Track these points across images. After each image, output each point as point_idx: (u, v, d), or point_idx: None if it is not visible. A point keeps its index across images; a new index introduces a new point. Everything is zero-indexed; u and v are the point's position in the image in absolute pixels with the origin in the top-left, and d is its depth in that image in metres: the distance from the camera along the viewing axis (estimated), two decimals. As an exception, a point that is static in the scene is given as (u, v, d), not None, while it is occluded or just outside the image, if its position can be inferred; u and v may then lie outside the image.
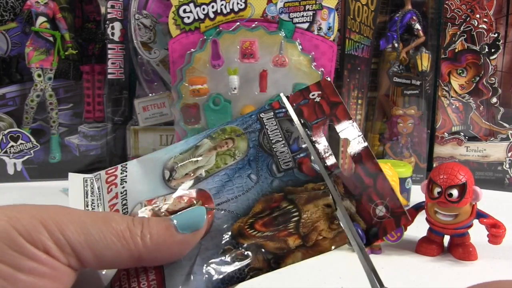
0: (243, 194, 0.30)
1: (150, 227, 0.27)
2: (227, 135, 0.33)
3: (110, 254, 0.26)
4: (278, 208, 0.29)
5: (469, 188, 0.50)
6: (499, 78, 0.83)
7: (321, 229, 0.28)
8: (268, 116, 0.33)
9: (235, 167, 0.31)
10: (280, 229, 0.28)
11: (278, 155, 0.31)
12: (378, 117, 0.87)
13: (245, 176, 0.31)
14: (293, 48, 0.71)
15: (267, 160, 0.31)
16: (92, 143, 0.85)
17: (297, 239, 0.28)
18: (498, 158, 0.83)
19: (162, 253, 0.27)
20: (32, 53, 0.79)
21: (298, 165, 0.31)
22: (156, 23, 0.81)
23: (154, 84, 0.84)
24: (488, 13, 0.81)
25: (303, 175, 0.30)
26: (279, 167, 0.31)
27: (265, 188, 0.30)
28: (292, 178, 0.30)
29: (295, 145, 0.31)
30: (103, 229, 0.26)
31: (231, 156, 0.32)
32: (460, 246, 0.52)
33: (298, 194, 0.29)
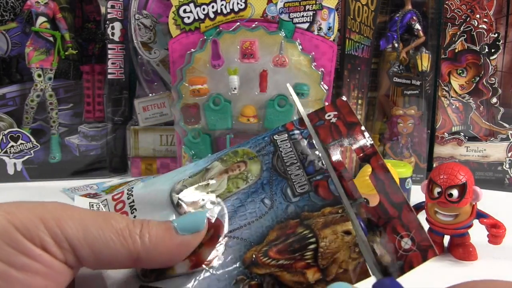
0: (257, 220, 0.28)
1: (150, 227, 0.27)
2: (239, 158, 0.31)
3: (108, 252, 0.26)
4: (294, 234, 0.27)
5: (469, 188, 0.50)
6: (499, 78, 0.83)
7: (341, 261, 0.26)
8: (282, 138, 0.32)
9: (247, 191, 0.30)
10: (297, 257, 0.27)
11: (293, 178, 0.29)
12: (378, 117, 0.87)
13: (258, 201, 0.29)
14: (293, 48, 0.71)
15: (282, 183, 0.29)
16: (92, 143, 0.85)
17: (316, 272, 0.26)
18: (498, 158, 0.83)
19: (160, 254, 0.27)
20: (32, 53, 0.79)
21: (315, 188, 0.29)
22: (156, 23, 0.81)
23: (154, 84, 0.84)
24: (488, 13, 0.81)
25: (320, 198, 0.29)
26: (294, 191, 0.29)
27: (279, 214, 0.28)
28: (308, 203, 0.28)
29: (311, 167, 0.30)
30: (102, 227, 0.26)
31: (244, 180, 0.30)
32: (460, 246, 0.52)
33: (315, 219, 0.27)
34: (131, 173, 0.84)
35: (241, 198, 0.29)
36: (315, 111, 0.32)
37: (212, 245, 0.28)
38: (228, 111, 0.70)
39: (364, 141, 0.30)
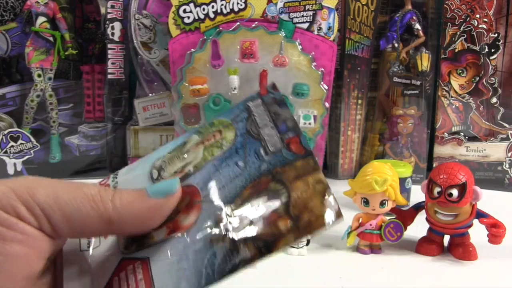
0: (231, 182, 0.29)
1: (122, 193, 0.27)
2: (215, 128, 0.32)
3: (80, 217, 0.26)
4: (266, 189, 0.28)
5: (469, 188, 0.50)
6: (499, 78, 0.83)
7: (312, 207, 0.26)
8: (256, 104, 0.32)
9: (222, 157, 0.30)
10: (269, 212, 0.27)
11: (266, 139, 0.30)
12: (378, 117, 0.87)
13: (232, 164, 0.29)
14: (293, 48, 0.71)
15: (255, 145, 0.30)
16: (92, 143, 0.85)
17: (288, 222, 0.26)
18: (498, 158, 0.83)
19: (132, 217, 0.27)
20: (32, 53, 0.79)
21: (287, 145, 0.29)
22: (156, 23, 0.81)
23: (154, 84, 0.84)
24: (488, 13, 0.81)
25: (292, 154, 0.29)
26: (267, 150, 0.29)
27: (253, 173, 0.28)
28: (280, 159, 0.29)
29: (283, 125, 0.30)
30: (73, 193, 0.26)
31: (218, 147, 0.31)
32: (460, 246, 0.52)
33: (287, 173, 0.28)
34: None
35: (216, 164, 0.30)
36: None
37: (188, 211, 0.28)
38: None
39: None
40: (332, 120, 0.84)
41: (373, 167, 0.53)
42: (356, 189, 0.54)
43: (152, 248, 0.28)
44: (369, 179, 0.52)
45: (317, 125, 0.73)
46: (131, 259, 0.28)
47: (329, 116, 0.79)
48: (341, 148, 0.85)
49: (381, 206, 0.53)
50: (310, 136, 0.74)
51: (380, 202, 0.52)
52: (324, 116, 0.74)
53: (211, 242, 0.27)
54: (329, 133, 0.85)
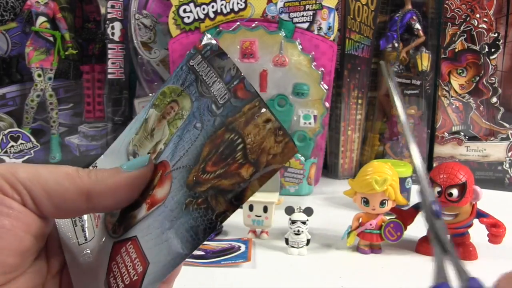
0: (192, 145, 0.30)
1: (98, 170, 0.29)
2: (169, 98, 0.32)
3: (60, 191, 0.27)
4: (222, 141, 0.28)
5: (469, 188, 0.50)
6: (499, 78, 0.83)
7: (268, 148, 0.27)
8: (197, 61, 0.32)
9: (183, 126, 0.31)
10: (229, 162, 0.27)
11: (216, 94, 0.30)
12: (378, 117, 0.87)
13: (191, 128, 0.30)
14: (293, 48, 0.71)
15: (207, 103, 0.30)
16: (92, 143, 0.85)
17: (249, 168, 0.27)
18: (498, 158, 0.83)
19: (111, 190, 0.29)
20: (32, 53, 0.79)
21: (234, 94, 0.29)
22: (156, 23, 0.81)
23: (154, 84, 0.84)
24: (488, 13, 0.81)
25: (239, 100, 0.29)
26: (218, 104, 0.30)
27: (209, 130, 0.29)
28: (230, 109, 0.29)
29: (228, 76, 0.30)
30: (52, 171, 0.28)
31: (180, 119, 0.31)
32: (460, 246, 0.52)
33: (238, 120, 0.28)
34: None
35: (179, 134, 0.31)
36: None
37: (162, 184, 0.29)
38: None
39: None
40: (332, 120, 0.84)
41: (373, 167, 0.53)
42: (356, 188, 0.54)
43: (137, 227, 0.29)
44: (369, 179, 0.52)
45: (317, 125, 0.73)
46: (122, 241, 0.29)
47: (329, 116, 0.79)
48: (341, 148, 0.85)
49: (381, 205, 0.53)
50: (310, 135, 0.74)
51: (380, 201, 0.52)
52: (324, 116, 0.74)
53: (186, 206, 0.28)
54: (329, 133, 0.85)
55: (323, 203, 0.72)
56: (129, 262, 0.28)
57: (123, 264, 0.28)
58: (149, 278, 0.27)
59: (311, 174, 0.75)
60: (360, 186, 0.53)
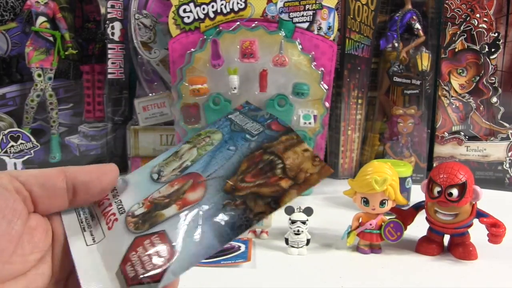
0: (227, 161, 0.33)
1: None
2: (203, 136, 0.36)
3: (46, 177, 0.30)
4: (261, 161, 0.32)
5: (469, 188, 0.50)
6: (499, 77, 0.83)
7: (306, 169, 0.31)
8: (235, 115, 0.37)
9: (214, 149, 0.35)
10: (269, 176, 0.31)
11: (249, 128, 0.35)
12: (378, 117, 0.87)
13: (224, 150, 0.34)
14: (293, 48, 0.71)
15: (241, 134, 0.35)
16: (92, 143, 0.85)
17: (288, 181, 0.30)
18: (498, 157, 0.83)
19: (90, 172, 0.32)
20: (32, 53, 0.79)
21: (268, 126, 0.35)
22: (156, 23, 0.81)
23: (154, 84, 0.84)
24: (488, 12, 0.81)
25: (274, 131, 0.34)
26: (252, 134, 0.34)
27: (244, 151, 0.33)
28: (265, 137, 0.34)
29: (262, 118, 0.36)
30: (41, 170, 0.31)
31: (210, 145, 0.35)
32: (460, 246, 0.52)
33: (276, 146, 0.33)
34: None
35: (210, 154, 0.34)
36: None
37: (194, 189, 0.32)
38: (228, 111, 0.70)
39: None
40: (332, 119, 0.84)
41: (373, 167, 0.53)
42: (356, 188, 0.54)
43: (165, 223, 0.31)
44: (369, 179, 0.52)
45: (317, 124, 0.73)
46: (146, 235, 0.30)
47: (329, 116, 0.79)
48: (341, 148, 0.85)
49: (381, 205, 0.53)
50: (310, 135, 0.74)
51: (380, 201, 0.52)
52: (324, 115, 0.74)
53: (223, 206, 0.30)
54: (329, 132, 0.85)
55: (323, 203, 0.72)
56: (153, 252, 0.29)
57: (145, 253, 0.29)
58: (176, 266, 0.28)
59: (311, 174, 0.75)
60: (360, 186, 0.53)
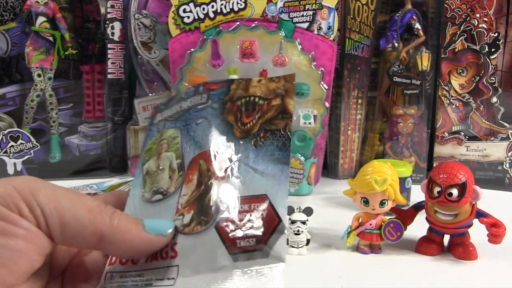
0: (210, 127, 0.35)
1: (120, 215, 0.28)
2: (154, 146, 0.37)
3: (75, 225, 0.27)
4: (239, 107, 0.35)
5: (469, 188, 0.50)
6: (499, 77, 0.83)
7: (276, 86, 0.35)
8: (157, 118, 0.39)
9: (184, 135, 0.36)
10: (259, 109, 0.34)
11: (191, 106, 0.38)
12: (378, 117, 0.87)
13: (194, 128, 0.36)
14: (293, 48, 0.71)
15: (190, 114, 0.37)
16: (92, 143, 0.85)
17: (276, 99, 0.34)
18: (498, 157, 0.83)
19: (124, 242, 0.28)
20: (32, 53, 0.79)
21: (207, 89, 0.37)
22: (156, 23, 0.81)
23: (154, 84, 0.84)
24: (488, 12, 0.81)
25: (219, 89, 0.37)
26: (201, 103, 0.37)
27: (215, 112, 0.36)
28: (218, 95, 0.36)
29: (189, 92, 0.38)
30: (73, 201, 0.27)
31: (174, 138, 0.36)
32: (460, 246, 0.52)
33: (236, 93, 0.36)
34: (131, 173, 0.84)
35: (186, 140, 0.35)
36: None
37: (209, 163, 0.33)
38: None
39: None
40: (332, 119, 0.84)
41: (373, 167, 0.53)
42: (356, 188, 0.54)
43: (225, 196, 0.31)
44: (369, 179, 0.52)
45: (317, 124, 0.73)
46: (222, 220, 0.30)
47: (329, 116, 0.79)
48: (341, 148, 0.85)
49: (381, 205, 0.52)
50: (310, 135, 0.74)
51: (380, 201, 0.52)
52: (324, 115, 0.74)
53: (254, 145, 0.33)
54: (329, 132, 0.85)
55: (323, 203, 0.72)
56: (245, 213, 0.30)
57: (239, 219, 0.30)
58: (275, 201, 0.30)
59: (311, 174, 0.75)
60: (360, 186, 0.53)
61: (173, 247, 0.30)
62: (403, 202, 0.54)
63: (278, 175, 0.31)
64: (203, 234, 0.30)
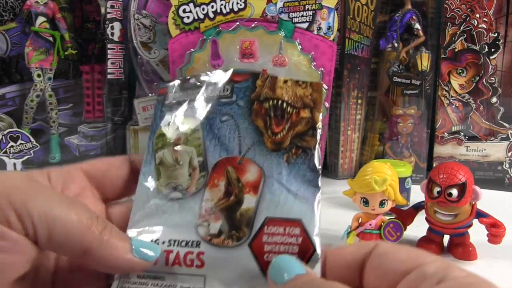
0: (238, 129, 0.33)
1: (112, 231, 0.28)
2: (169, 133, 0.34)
3: (64, 237, 0.26)
4: (267, 110, 0.33)
5: (468, 188, 0.50)
6: (499, 77, 0.83)
7: (303, 93, 0.33)
8: (171, 98, 0.36)
9: (207, 131, 0.33)
10: (288, 118, 0.32)
11: (211, 95, 0.35)
12: (378, 117, 0.87)
13: (219, 125, 0.33)
14: (292, 48, 0.71)
15: (213, 105, 0.34)
16: (92, 143, 0.85)
17: (304, 111, 0.33)
18: (498, 158, 0.83)
19: (109, 258, 0.27)
20: (32, 53, 0.79)
21: (232, 82, 0.35)
22: (156, 23, 0.81)
23: (154, 84, 0.84)
24: (488, 12, 0.81)
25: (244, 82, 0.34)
26: (224, 96, 0.34)
27: (242, 112, 0.33)
28: (243, 91, 0.34)
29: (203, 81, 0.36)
30: (66, 212, 0.26)
31: (195, 131, 0.34)
32: (460, 246, 0.52)
33: (263, 93, 0.33)
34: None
35: (210, 137, 0.33)
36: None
37: (244, 170, 0.32)
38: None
39: None
40: (332, 120, 0.84)
41: (373, 167, 0.53)
42: (356, 188, 0.54)
43: (258, 213, 0.30)
44: (369, 179, 0.52)
45: (317, 125, 0.73)
46: (257, 236, 0.29)
47: (329, 116, 0.79)
48: (341, 148, 0.85)
49: (380, 206, 0.52)
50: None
51: (380, 202, 0.52)
52: (324, 115, 0.74)
53: (287, 161, 0.31)
54: (329, 133, 0.85)
55: (323, 203, 0.71)
56: (280, 237, 0.29)
57: (274, 242, 0.29)
58: (310, 228, 0.29)
59: (311, 174, 0.75)
60: (360, 186, 0.53)
61: (199, 256, 0.29)
62: (402, 202, 0.54)
63: (311, 200, 0.30)
64: (236, 250, 0.29)
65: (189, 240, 0.30)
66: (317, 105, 0.32)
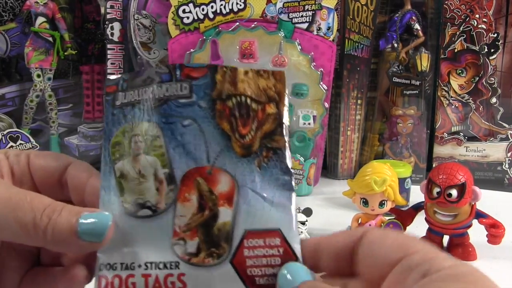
0: (203, 135, 0.30)
1: (56, 223, 0.27)
2: (126, 140, 0.31)
3: (11, 239, 0.27)
4: (231, 109, 0.30)
5: (468, 188, 0.50)
6: (499, 78, 0.83)
7: (266, 85, 0.31)
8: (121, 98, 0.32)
9: (169, 137, 0.30)
10: (253, 115, 0.30)
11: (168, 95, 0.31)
12: (377, 117, 0.87)
13: (181, 130, 0.30)
14: (292, 48, 0.71)
15: (169, 106, 0.31)
16: (92, 143, 0.85)
17: (269, 105, 0.30)
18: (498, 158, 0.83)
19: (61, 249, 0.28)
20: (32, 53, 0.79)
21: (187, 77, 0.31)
22: (156, 23, 0.81)
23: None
24: (488, 13, 0.81)
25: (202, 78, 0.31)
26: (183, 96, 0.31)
27: (204, 114, 0.30)
28: (202, 88, 0.31)
29: (164, 76, 0.31)
30: (8, 217, 0.26)
31: (155, 139, 0.30)
32: (460, 246, 0.52)
33: (225, 89, 0.30)
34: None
35: (173, 145, 0.30)
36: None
37: (215, 180, 0.30)
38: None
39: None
40: (331, 120, 0.84)
41: (373, 167, 0.53)
42: (356, 189, 0.54)
43: (236, 227, 0.29)
44: (368, 179, 0.52)
45: (317, 125, 0.73)
46: (237, 252, 0.28)
47: (329, 116, 0.79)
48: (341, 148, 0.85)
49: (380, 206, 0.53)
50: (309, 136, 0.74)
51: (379, 202, 0.52)
52: (324, 116, 0.74)
53: (258, 166, 0.29)
54: (329, 133, 0.85)
55: (322, 204, 0.72)
56: (261, 249, 0.28)
57: (255, 256, 0.28)
58: (289, 236, 0.28)
59: (311, 175, 0.75)
60: (359, 186, 0.53)
61: (180, 277, 0.28)
62: (402, 202, 0.54)
63: (288, 206, 0.29)
64: (217, 268, 0.28)
65: (167, 261, 0.28)
66: (282, 97, 0.30)
